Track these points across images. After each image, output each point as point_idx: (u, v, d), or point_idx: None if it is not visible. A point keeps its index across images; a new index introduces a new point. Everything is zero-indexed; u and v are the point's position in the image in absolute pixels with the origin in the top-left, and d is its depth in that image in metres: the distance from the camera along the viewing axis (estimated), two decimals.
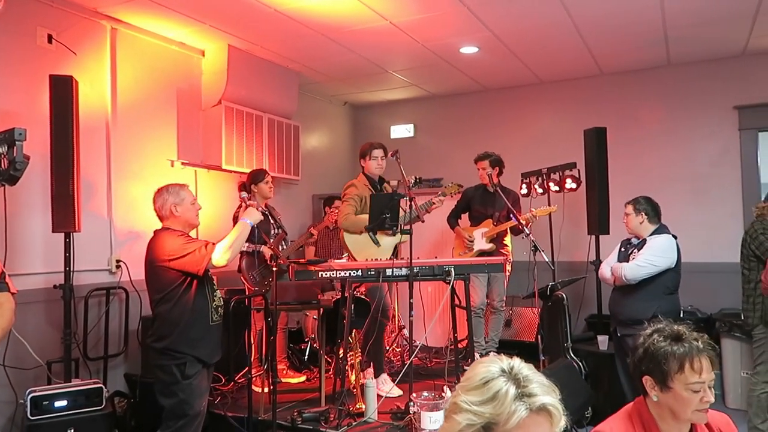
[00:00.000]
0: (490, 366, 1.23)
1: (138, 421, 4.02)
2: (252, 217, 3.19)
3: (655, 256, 3.75)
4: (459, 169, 6.21)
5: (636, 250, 3.87)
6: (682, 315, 4.11)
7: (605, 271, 4.05)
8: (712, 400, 1.75)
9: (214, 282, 3.26)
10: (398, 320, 5.27)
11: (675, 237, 3.88)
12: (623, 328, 3.87)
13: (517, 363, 1.23)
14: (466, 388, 1.23)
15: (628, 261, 3.89)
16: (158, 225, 3.32)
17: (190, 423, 3.07)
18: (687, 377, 1.73)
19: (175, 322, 3.05)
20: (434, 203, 4.24)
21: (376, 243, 4.10)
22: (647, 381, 1.83)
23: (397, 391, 4.02)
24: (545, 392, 1.19)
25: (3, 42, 3.75)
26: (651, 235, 3.87)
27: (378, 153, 4.38)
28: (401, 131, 7.11)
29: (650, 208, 3.91)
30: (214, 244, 3.06)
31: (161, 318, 3.10)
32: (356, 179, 4.43)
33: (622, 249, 4.03)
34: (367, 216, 4.22)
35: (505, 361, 1.24)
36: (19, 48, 3.84)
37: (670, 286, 3.81)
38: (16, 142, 2.63)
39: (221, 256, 3.01)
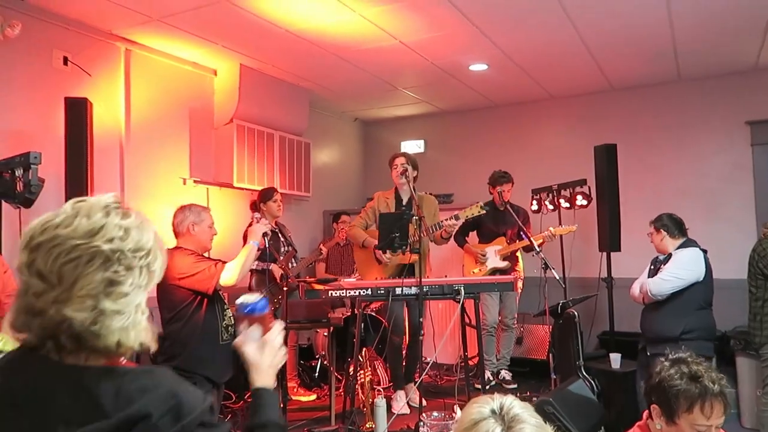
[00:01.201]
0: (482, 407, 1.20)
1: None
2: (256, 237, 3.20)
3: (680, 269, 3.69)
4: (469, 184, 6.23)
5: (663, 266, 3.83)
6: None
7: (634, 289, 4.00)
8: None
9: (225, 300, 3.28)
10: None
11: (705, 251, 3.83)
12: (653, 346, 3.77)
13: (509, 402, 1.21)
14: (457, 430, 1.21)
15: None
16: (170, 243, 3.36)
17: None
18: (695, 418, 1.72)
19: (185, 341, 3.06)
20: (444, 226, 3.95)
21: (378, 261, 4.13)
22: (655, 409, 1.85)
23: (407, 410, 4.01)
24: None
25: (20, 64, 3.83)
26: (677, 249, 3.83)
27: (398, 161, 4.21)
28: (411, 147, 7.13)
29: (671, 224, 3.85)
30: (224, 263, 3.09)
31: (171, 337, 3.12)
32: (383, 191, 4.41)
33: (652, 267, 3.98)
34: (362, 231, 4.29)
35: (497, 401, 1.21)
36: (35, 70, 3.93)
37: (700, 301, 3.73)
38: (32, 166, 2.69)
39: (230, 276, 3.03)
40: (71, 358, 0.99)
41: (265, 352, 1.36)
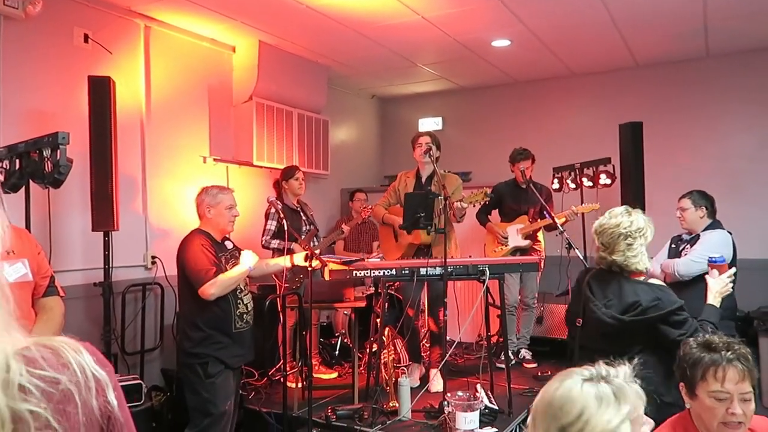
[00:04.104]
0: (572, 387, 1.18)
1: (175, 415, 4.09)
2: (250, 262, 3.17)
3: (711, 251, 3.64)
4: (488, 162, 6.17)
5: (688, 246, 3.76)
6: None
7: (654, 268, 3.94)
8: (739, 411, 1.71)
9: (242, 287, 3.24)
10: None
11: (730, 233, 3.77)
12: None
13: (592, 372, 1.21)
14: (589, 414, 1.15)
15: (679, 257, 3.78)
16: (191, 220, 3.39)
17: (216, 422, 3.11)
18: (709, 385, 1.74)
19: (198, 326, 3.10)
20: (453, 209, 3.73)
21: (395, 238, 4.16)
22: (682, 388, 1.86)
23: (415, 383, 4.06)
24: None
25: (41, 42, 3.80)
26: (704, 230, 3.76)
27: (423, 140, 4.15)
28: (429, 124, 7.06)
29: (709, 203, 3.77)
30: (216, 272, 3.06)
31: (186, 319, 3.19)
32: (405, 171, 4.40)
33: (673, 245, 3.91)
34: (383, 209, 4.33)
35: (588, 378, 1.19)
36: (56, 48, 3.90)
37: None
38: (60, 146, 2.67)
39: (212, 293, 3.02)
40: (624, 274, 2.44)
41: (717, 281, 2.55)
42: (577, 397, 1.15)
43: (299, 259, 3.34)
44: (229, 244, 3.35)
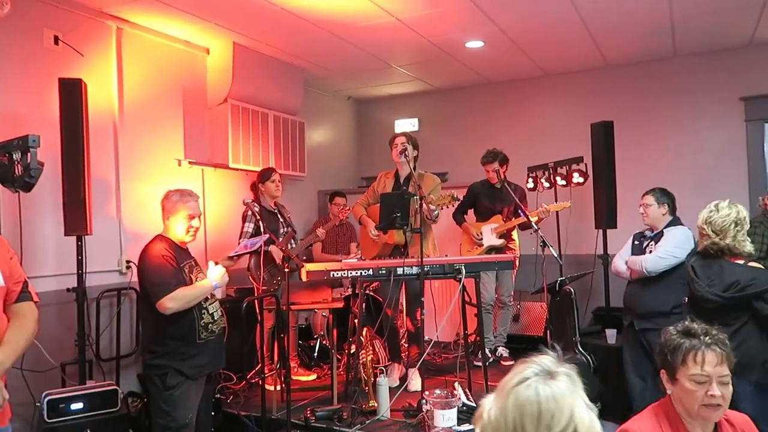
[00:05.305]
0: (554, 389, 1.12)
1: (152, 421, 4.05)
2: (219, 280, 3.05)
3: (676, 247, 3.72)
4: (464, 162, 6.22)
5: (653, 243, 3.84)
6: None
7: (619, 264, 4.00)
8: (718, 393, 1.77)
9: (208, 296, 3.08)
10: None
11: (690, 229, 3.86)
12: (642, 321, 3.80)
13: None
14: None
15: (644, 254, 3.86)
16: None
17: None
18: (689, 369, 1.80)
19: (158, 338, 2.97)
20: (425, 211, 3.79)
21: (375, 236, 4.21)
22: (663, 375, 1.91)
23: (394, 383, 4.09)
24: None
25: (10, 44, 3.73)
26: (667, 227, 3.85)
27: (398, 140, 4.19)
28: (405, 125, 7.09)
29: (671, 200, 3.87)
30: (177, 285, 2.92)
31: (147, 330, 3.09)
32: (385, 172, 4.46)
33: (636, 242, 3.99)
34: (362, 209, 4.39)
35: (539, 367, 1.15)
36: (26, 50, 3.83)
37: (687, 277, 3.80)
38: (30, 149, 2.63)
39: (168, 303, 2.86)
40: (725, 257, 2.85)
41: None
42: (562, 397, 1.10)
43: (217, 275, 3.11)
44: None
